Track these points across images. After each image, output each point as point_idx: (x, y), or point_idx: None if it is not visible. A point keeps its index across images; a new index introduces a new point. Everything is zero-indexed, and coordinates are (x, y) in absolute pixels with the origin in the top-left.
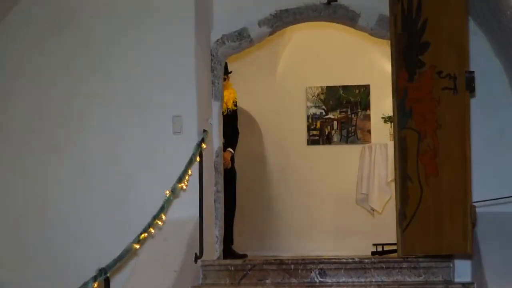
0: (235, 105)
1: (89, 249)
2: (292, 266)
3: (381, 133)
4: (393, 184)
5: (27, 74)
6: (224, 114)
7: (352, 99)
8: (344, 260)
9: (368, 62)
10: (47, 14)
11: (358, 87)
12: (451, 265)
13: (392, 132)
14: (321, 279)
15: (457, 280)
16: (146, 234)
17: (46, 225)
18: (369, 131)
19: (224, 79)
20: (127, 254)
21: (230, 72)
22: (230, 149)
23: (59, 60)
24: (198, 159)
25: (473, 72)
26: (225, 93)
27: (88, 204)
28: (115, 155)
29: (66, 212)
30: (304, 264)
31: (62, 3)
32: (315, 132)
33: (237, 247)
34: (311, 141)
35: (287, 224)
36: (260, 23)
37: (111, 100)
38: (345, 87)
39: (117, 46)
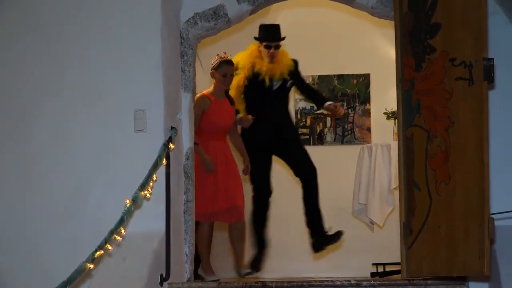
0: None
1: (34, 269)
2: None
3: (383, 132)
4: (396, 193)
5: None
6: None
7: (348, 91)
8: (339, 283)
9: (368, 47)
10: None
11: (356, 76)
12: None
13: (396, 131)
14: None
15: None
16: (101, 252)
17: None
18: (368, 129)
19: (278, 47)
20: (78, 276)
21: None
22: None
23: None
24: (164, 162)
25: (493, 59)
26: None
27: (33, 216)
28: (65, 157)
29: (6, 226)
30: (291, 287)
31: None
32: (304, 130)
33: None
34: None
35: (270, 240)
36: (240, 0)
37: (60, 91)
38: (340, 77)
39: (68, 27)
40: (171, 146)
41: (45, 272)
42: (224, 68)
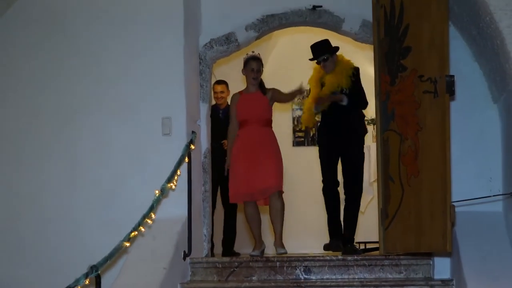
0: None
1: (81, 247)
2: (278, 264)
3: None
4: (375, 185)
5: (21, 76)
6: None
7: None
8: (328, 258)
9: None
10: (40, 18)
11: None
12: (431, 262)
13: (375, 134)
14: (306, 276)
15: (436, 277)
16: (136, 233)
17: (38, 224)
18: None
19: (326, 59)
20: (117, 252)
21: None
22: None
23: (52, 63)
24: (187, 159)
25: (453, 76)
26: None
27: (80, 203)
28: (106, 156)
29: (57, 211)
30: (290, 261)
31: (55, 7)
32: (300, 134)
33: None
34: (297, 143)
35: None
36: (247, 28)
37: (102, 102)
38: None
39: (109, 50)
40: (192, 147)
41: (89, 249)
42: (250, 63)
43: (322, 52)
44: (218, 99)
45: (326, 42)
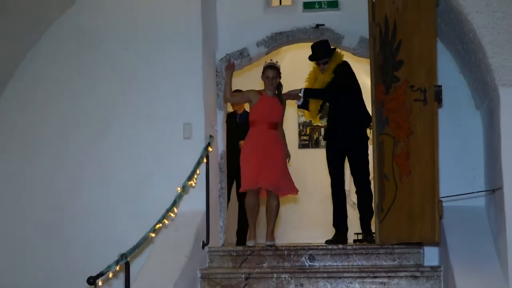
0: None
1: (112, 238)
2: (286, 252)
3: None
4: (372, 182)
5: (59, 87)
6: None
7: None
8: (330, 247)
9: None
10: (75, 35)
11: None
12: (421, 251)
13: (371, 137)
14: (310, 263)
15: (426, 264)
16: (160, 225)
17: (75, 218)
18: None
19: (326, 62)
20: (144, 242)
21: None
22: None
23: (86, 76)
24: (205, 160)
25: (441, 86)
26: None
27: (112, 200)
28: (134, 157)
29: (91, 207)
30: (296, 250)
31: (88, 27)
32: (305, 138)
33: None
34: (302, 145)
35: (282, 217)
36: (258, 44)
37: (131, 110)
38: None
39: (137, 65)
40: (210, 149)
41: (119, 239)
42: (266, 71)
43: (324, 55)
44: (235, 106)
45: (326, 44)
